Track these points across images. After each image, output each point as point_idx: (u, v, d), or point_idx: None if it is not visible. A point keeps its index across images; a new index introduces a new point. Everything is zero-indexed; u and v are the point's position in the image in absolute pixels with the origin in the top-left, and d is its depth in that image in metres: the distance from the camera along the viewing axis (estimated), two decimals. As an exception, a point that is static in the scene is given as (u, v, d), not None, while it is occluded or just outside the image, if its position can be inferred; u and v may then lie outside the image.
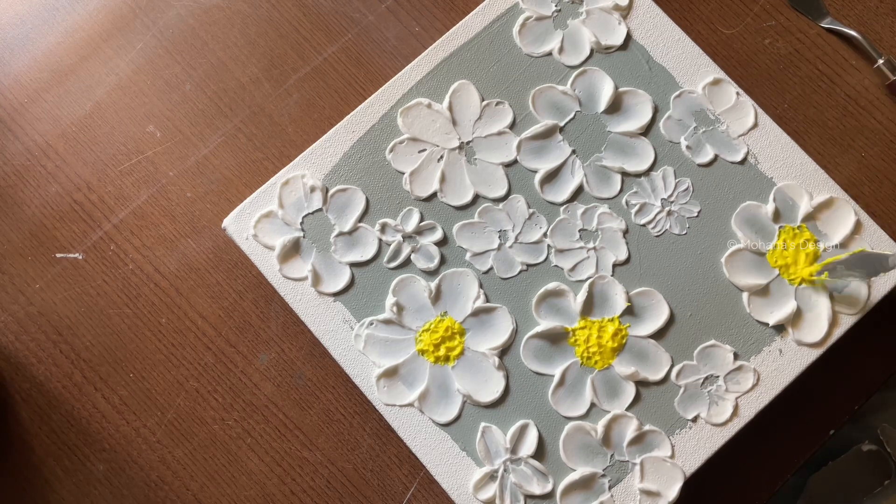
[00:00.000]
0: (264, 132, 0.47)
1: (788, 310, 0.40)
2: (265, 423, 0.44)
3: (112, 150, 0.47)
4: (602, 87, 0.43)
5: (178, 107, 0.48)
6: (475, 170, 0.42)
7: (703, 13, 0.49)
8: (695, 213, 0.42)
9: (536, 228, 0.42)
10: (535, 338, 0.41)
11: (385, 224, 0.41)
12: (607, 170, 0.42)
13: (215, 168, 0.47)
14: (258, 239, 0.41)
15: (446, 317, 0.41)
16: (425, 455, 0.40)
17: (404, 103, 0.43)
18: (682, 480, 0.39)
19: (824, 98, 0.48)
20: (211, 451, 0.44)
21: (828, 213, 0.42)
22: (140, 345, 0.45)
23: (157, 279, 0.46)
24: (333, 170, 0.42)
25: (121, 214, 0.46)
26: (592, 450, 0.40)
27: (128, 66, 0.48)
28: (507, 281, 0.41)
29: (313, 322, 0.41)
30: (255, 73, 0.48)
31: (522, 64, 0.43)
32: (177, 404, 0.44)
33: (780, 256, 0.41)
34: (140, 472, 0.44)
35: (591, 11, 0.44)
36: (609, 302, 0.41)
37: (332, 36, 0.48)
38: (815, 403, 0.45)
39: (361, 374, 0.40)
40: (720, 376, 0.40)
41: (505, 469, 0.39)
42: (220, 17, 0.49)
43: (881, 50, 0.48)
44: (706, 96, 0.43)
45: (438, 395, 0.40)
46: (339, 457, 0.44)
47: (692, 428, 0.40)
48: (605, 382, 0.40)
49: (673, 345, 0.41)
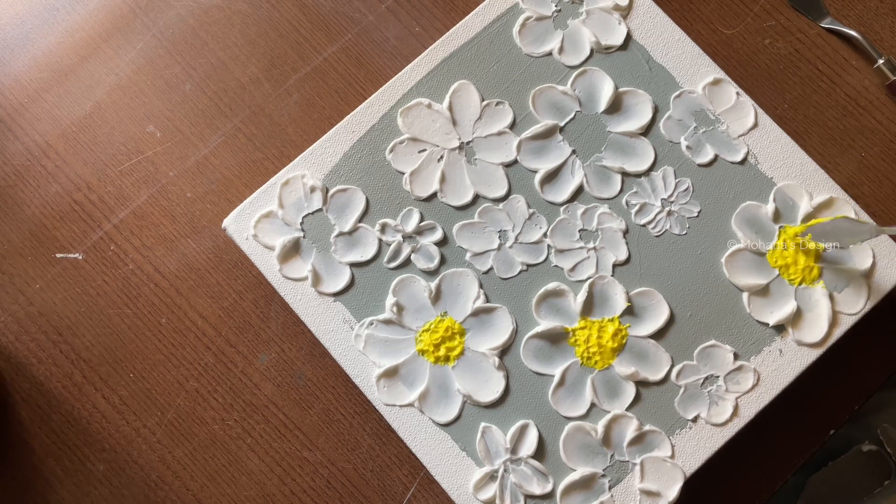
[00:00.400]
0: (264, 132, 0.47)
1: (788, 310, 0.40)
2: (265, 423, 0.44)
3: (112, 150, 0.47)
4: (602, 87, 0.43)
5: (178, 107, 0.48)
6: (475, 170, 0.42)
7: (703, 13, 0.49)
8: (695, 213, 0.42)
9: (536, 228, 0.42)
10: (535, 338, 0.41)
11: (385, 224, 0.41)
12: (607, 170, 0.42)
13: (215, 168, 0.47)
14: (258, 239, 0.41)
15: (446, 317, 0.41)
16: (425, 455, 0.40)
17: (404, 103, 0.42)
18: (683, 480, 0.39)
19: (824, 98, 0.48)
20: (211, 451, 0.44)
21: (828, 213, 0.42)
22: (140, 345, 0.45)
23: (157, 279, 0.46)
24: (333, 170, 0.42)
25: (121, 214, 0.46)
26: (592, 450, 0.40)
27: (128, 66, 0.48)
28: (507, 281, 0.41)
29: (313, 322, 0.41)
30: (255, 73, 0.48)
31: (522, 64, 0.43)
32: (177, 404, 0.44)
33: (780, 256, 0.41)
34: (140, 472, 0.44)
35: (591, 11, 0.44)
36: (609, 302, 0.41)
37: (332, 36, 0.48)
38: (815, 403, 0.45)
39: (361, 375, 0.40)
40: (720, 376, 0.40)
41: (505, 469, 0.39)
42: (220, 17, 0.49)
43: (881, 50, 0.48)
44: (706, 96, 0.43)
45: (438, 395, 0.40)
46: (339, 457, 0.44)
47: (692, 428, 0.40)
48: (605, 382, 0.40)
49: (673, 345, 0.41)
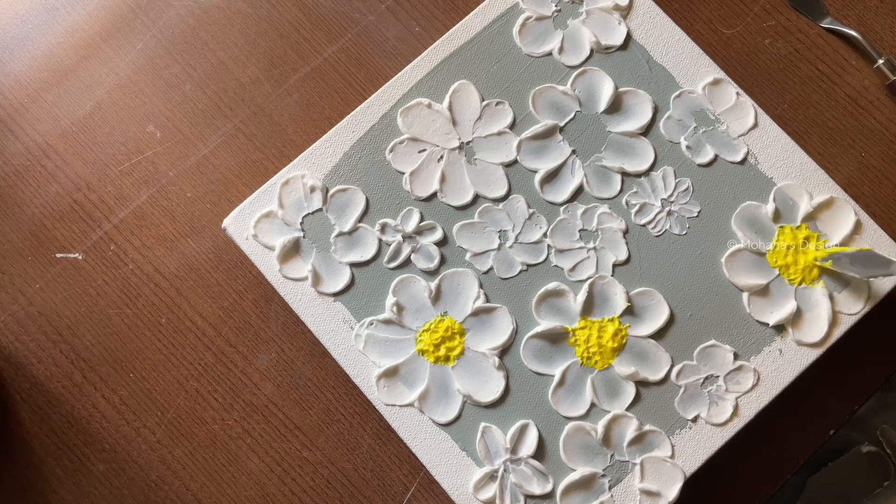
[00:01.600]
0: (264, 132, 0.47)
1: (788, 310, 0.40)
2: (265, 423, 0.44)
3: (112, 150, 0.47)
4: (602, 87, 0.43)
5: (178, 107, 0.48)
6: (475, 170, 0.42)
7: (703, 13, 0.49)
8: (695, 213, 0.42)
9: (536, 228, 0.42)
10: (536, 338, 0.41)
11: (385, 224, 0.41)
12: (607, 170, 0.42)
13: (215, 168, 0.47)
14: (258, 239, 0.41)
15: (446, 317, 0.41)
16: (425, 455, 0.40)
17: (404, 103, 0.42)
18: (683, 480, 0.39)
19: (824, 98, 0.48)
20: (211, 451, 0.44)
21: (828, 213, 0.42)
22: (140, 345, 0.45)
23: (157, 279, 0.46)
24: (333, 170, 0.42)
25: (121, 214, 0.46)
26: (592, 450, 0.40)
27: (128, 66, 0.48)
28: (507, 281, 0.41)
29: (313, 322, 0.41)
30: (255, 73, 0.48)
31: (522, 64, 0.43)
32: (177, 404, 0.44)
33: (781, 256, 0.41)
34: (140, 472, 0.44)
35: (591, 11, 0.44)
36: (609, 302, 0.41)
37: (332, 36, 0.48)
38: (815, 403, 0.45)
39: (361, 374, 0.40)
40: (720, 376, 0.40)
41: (505, 469, 0.39)
42: (220, 17, 0.49)
43: (881, 50, 0.48)
44: (706, 96, 0.43)
45: (438, 395, 0.40)
46: (340, 457, 0.44)
47: (692, 428, 0.40)
48: (605, 382, 0.40)
49: (673, 345, 0.41)
